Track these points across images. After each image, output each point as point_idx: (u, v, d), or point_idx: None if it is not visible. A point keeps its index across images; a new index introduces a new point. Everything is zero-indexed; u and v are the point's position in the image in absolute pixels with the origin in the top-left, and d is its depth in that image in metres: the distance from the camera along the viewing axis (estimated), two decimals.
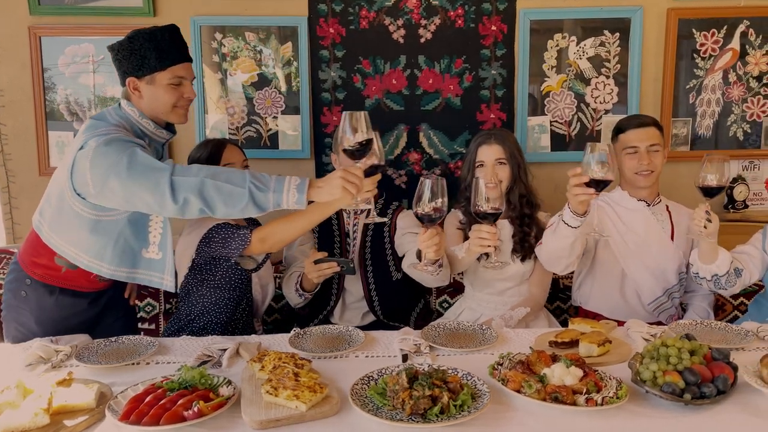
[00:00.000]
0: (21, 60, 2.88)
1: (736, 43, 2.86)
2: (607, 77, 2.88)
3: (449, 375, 1.49)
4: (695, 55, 2.87)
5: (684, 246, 2.35)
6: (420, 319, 2.56)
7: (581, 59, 2.87)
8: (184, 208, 1.78)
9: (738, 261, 2.15)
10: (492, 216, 1.80)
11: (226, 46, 2.88)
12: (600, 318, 2.27)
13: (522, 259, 2.32)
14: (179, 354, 1.79)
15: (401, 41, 2.87)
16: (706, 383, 1.44)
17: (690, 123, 2.93)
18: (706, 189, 1.93)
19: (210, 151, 2.23)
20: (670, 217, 2.38)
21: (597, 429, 1.36)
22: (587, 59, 2.87)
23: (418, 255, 1.96)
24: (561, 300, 2.67)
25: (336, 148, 2.39)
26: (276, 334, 1.97)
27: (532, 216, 2.33)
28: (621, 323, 2.03)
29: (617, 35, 2.85)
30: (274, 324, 2.66)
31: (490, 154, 2.27)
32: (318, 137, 2.92)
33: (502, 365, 1.58)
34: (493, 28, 2.86)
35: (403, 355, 1.74)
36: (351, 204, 1.83)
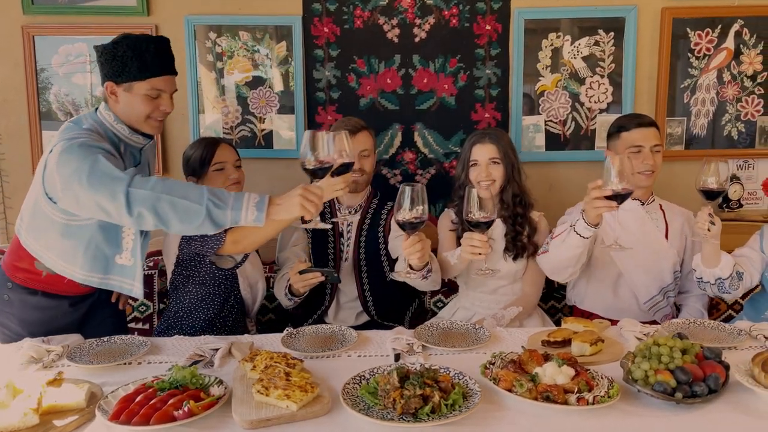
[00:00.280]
0: (14, 59, 2.87)
1: (730, 43, 2.86)
2: (602, 77, 2.88)
3: (441, 374, 1.49)
4: (690, 55, 2.87)
5: (678, 245, 2.36)
6: (414, 319, 2.56)
7: (576, 59, 2.87)
8: (139, 220, 1.75)
9: (739, 265, 2.15)
10: (484, 225, 1.81)
11: (220, 45, 2.87)
12: (594, 317, 2.27)
13: (514, 258, 2.32)
14: (171, 354, 1.79)
15: (396, 41, 2.87)
16: (697, 382, 1.44)
17: (684, 122, 2.93)
18: (706, 192, 1.94)
19: (203, 150, 2.23)
20: (663, 216, 2.38)
21: (588, 428, 1.36)
22: (582, 59, 2.87)
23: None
24: (555, 299, 2.67)
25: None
26: (269, 333, 1.96)
27: (524, 215, 2.34)
28: (615, 323, 2.03)
29: (612, 35, 2.84)
30: (267, 324, 2.65)
31: (484, 153, 2.28)
32: None
33: (494, 364, 1.58)
34: (488, 27, 2.85)
35: (396, 355, 1.73)
36: (310, 224, 1.81)
